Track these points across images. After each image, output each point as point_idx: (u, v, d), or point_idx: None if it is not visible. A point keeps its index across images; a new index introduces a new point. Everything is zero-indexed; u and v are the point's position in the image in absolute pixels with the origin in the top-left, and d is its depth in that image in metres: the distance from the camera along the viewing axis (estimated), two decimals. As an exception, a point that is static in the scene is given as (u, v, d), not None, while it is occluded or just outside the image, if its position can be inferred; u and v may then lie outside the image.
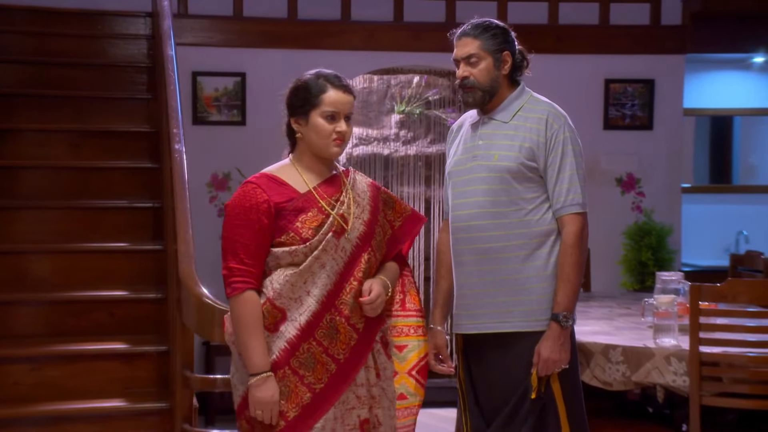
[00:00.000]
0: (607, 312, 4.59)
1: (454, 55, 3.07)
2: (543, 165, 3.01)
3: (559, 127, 3.02)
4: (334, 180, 2.76)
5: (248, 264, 2.61)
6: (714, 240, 6.68)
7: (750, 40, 6.21)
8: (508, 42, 3.07)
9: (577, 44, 6.10)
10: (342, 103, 2.70)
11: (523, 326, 3.00)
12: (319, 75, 2.73)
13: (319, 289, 2.64)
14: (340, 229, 2.68)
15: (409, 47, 6.07)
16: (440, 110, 6.81)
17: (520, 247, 2.99)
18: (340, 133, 2.69)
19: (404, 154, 6.70)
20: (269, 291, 2.63)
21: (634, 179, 6.10)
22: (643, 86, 6.10)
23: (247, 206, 2.63)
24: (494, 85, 3.05)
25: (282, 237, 2.64)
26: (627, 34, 6.13)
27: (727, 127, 6.96)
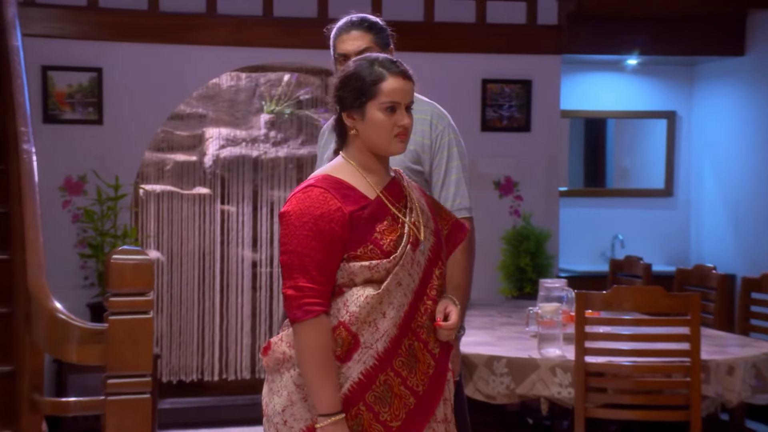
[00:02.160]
0: (488, 321, 4.60)
1: (342, 49, 2.97)
2: (428, 168, 2.95)
3: (443, 128, 2.97)
4: (395, 183, 2.46)
5: (321, 282, 2.29)
6: (590, 245, 6.79)
7: (624, 41, 6.35)
8: (390, 39, 3.02)
9: (453, 43, 6.11)
10: (403, 92, 2.38)
11: None
12: (372, 61, 2.41)
13: (395, 310, 2.33)
14: (415, 240, 2.39)
15: (279, 43, 5.95)
16: (312, 110, 6.74)
17: None
18: (402, 127, 2.38)
19: (274, 156, 6.60)
20: (343, 314, 2.32)
21: (512, 182, 6.14)
22: (520, 87, 6.15)
23: (318, 214, 2.30)
24: None
25: (359, 250, 2.32)
26: (503, 34, 6.17)
27: (601, 129, 7.09)
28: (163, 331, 6.41)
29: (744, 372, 3.78)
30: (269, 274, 6.59)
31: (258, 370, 6.58)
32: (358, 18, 3.00)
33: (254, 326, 6.57)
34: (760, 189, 6.22)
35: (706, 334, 4.14)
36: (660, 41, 6.36)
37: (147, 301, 2.76)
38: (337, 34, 3.00)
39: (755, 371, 3.85)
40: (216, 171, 6.48)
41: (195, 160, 6.49)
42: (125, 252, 2.50)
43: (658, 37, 6.35)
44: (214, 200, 6.47)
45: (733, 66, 6.49)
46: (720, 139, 6.64)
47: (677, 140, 6.91)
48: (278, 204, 6.56)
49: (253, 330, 6.57)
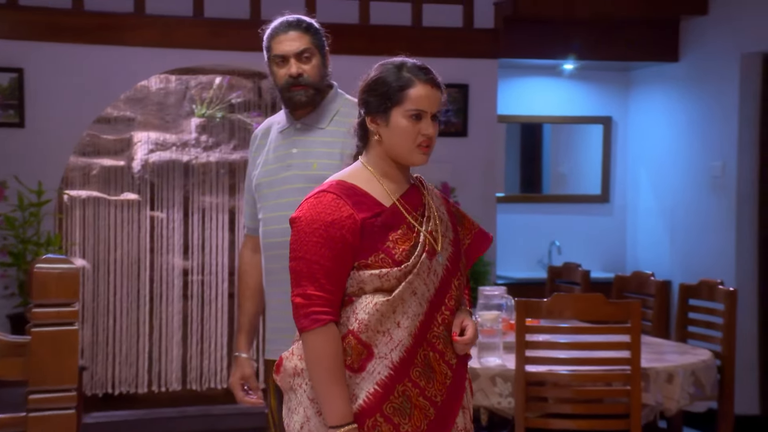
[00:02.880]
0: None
1: (280, 50, 2.93)
2: None
3: None
4: (415, 190, 2.40)
5: (329, 291, 2.26)
6: (527, 251, 6.82)
7: (560, 46, 6.40)
8: (325, 41, 3.00)
9: (390, 46, 5.96)
10: (430, 100, 2.34)
11: None
12: (401, 65, 2.39)
13: (410, 319, 2.29)
14: (432, 249, 2.33)
15: (210, 45, 5.87)
16: (244, 114, 6.66)
17: None
18: (426, 137, 2.32)
19: (206, 160, 6.52)
20: (352, 323, 2.28)
21: (448, 188, 6.13)
22: (457, 91, 6.15)
23: (329, 221, 2.27)
24: (323, 84, 2.96)
25: (369, 258, 2.29)
26: (440, 37, 6.17)
27: (538, 134, 7.13)
28: (89, 342, 6.26)
29: (683, 380, 3.81)
30: (201, 282, 6.49)
31: (189, 381, 6.47)
32: (295, 19, 2.96)
33: (185, 336, 6.47)
34: (695, 195, 6.31)
35: (645, 341, 4.16)
36: (596, 46, 6.42)
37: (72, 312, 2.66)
38: (273, 34, 2.95)
39: (694, 379, 3.89)
40: (145, 176, 6.37)
41: (123, 164, 6.38)
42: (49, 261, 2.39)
43: (594, 42, 6.41)
44: (143, 206, 6.36)
45: (668, 72, 6.58)
46: (655, 145, 6.72)
47: (613, 146, 6.98)
48: (210, 210, 6.47)
49: (185, 340, 6.47)
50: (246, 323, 3.08)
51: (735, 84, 5.98)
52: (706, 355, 4.08)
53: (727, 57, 6.05)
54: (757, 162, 5.97)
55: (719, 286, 4.39)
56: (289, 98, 2.94)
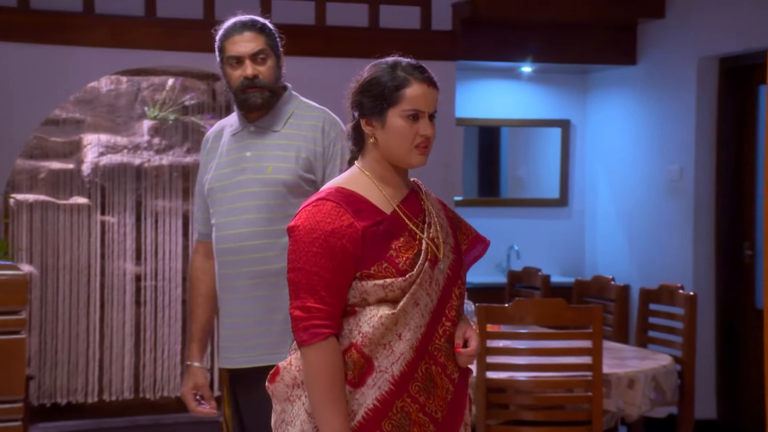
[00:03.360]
0: None
1: (234, 51, 2.89)
2: (321, 177, 2.90)
3: (336, 135, 2.93)
4: (414, 196, 2.34)
5: (330, 303, 2.20)
6: (486, 256, 6.67)
7: (518, 48, 6.41)
8: (279, 41, 2.98)
9: (347, 47, 6.05)
10: (427, 100, 2.28)
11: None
12: (395, 65, 2.33)
13: (412, 331, 2.22)
14: (434, 257, 2.27)
15: (162, 45, 5.80)
16: (198, 116, 6.61)
17: None
18: (424, 137, 2.26)
19: (158, 164, 6.45)
20: (355, 336, 2.21)
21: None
22: None
23: (328, 230, 2.20)
24: (278, 86, 2.94)
25: (372, 268, 2.22)
26: (397, 39, 6.11)
27: (495, 137, 7.13)
28: (36, 350, 6.15)
29: (644, 385, 3.82)
30: (154, 288, 6.41)
31: (142, 389, 6.38)
32: (249, 19, 2.94)
33: (138, 343, 6.38)
34: (653, 198, 6.35)
35: (606, 346, 4.16)
36: (554, 49, 6.45)
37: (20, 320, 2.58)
38: (226, 35, 2.92)
39: (655, 384, 3.90)
40: (95, 180, 6.29)
41: (72, 168, 6.30)
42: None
43: (552, 45, 6.43)
44: (93, 211, 6.28)
45: (626, 75, 6.62)
46: (613, 148, 6.75)
47: (571, 149, 7.01)
48: (163, 214, 6.41)
49: (137, 347, 6.38)
50: (198, 331, 3.04)
51: (692, 88, 6.03)
52: (667, 360, 4.10)
53: (684, 61, 6.10)
54: (713, 166, 6.02)
55: (679, 291, 4.41)
56: (244, 100, 2.91)
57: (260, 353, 2.87)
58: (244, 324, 2.89)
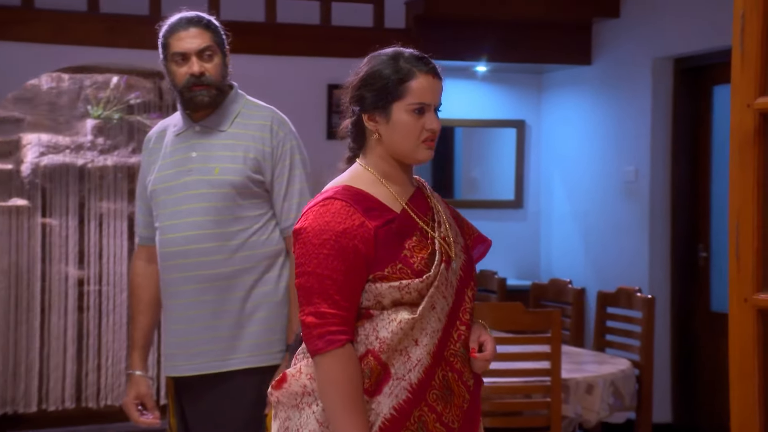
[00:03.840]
0: None
1: (180, 48, 2.84)
2: (270, 178, 2.86)
3: (284, 135, 2.90)
4: (420, 194, 2.26)
5: (344, 307, 2.09)
6: None
7: (472, 47, 6.39)
8: (225, 38, 2.94)
9: (297, 45, 6.02)
10: (433, 92, 2.20)
11: (252, 361, 2.83)
12: (397, 56, 2.23)
13: (429, 336, 2.13)
14: (448, 257, 2.19)
15: (106, 42, 5.70)
16: (143, 115, 6.51)
17: (247, 272, 2.83)
18: (431, 131, 2.19)
19: (102, 164, 6.36)
20: (372, 340, 2.11)
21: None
22: None
23: (339, 230, 2.10)
24: (224, 84, 2.90)
25: (386, 270, 2.12)
26: (349, 37, 6.08)
27: (449, 138, 7.11)
28: (-26, 359, 5.99)
29: (603, 390, 3.79)
30: (98, 293, 6.30)
31: (85, 398, 6.25)
32: (194, 15, 2.89)
33: (81, 350, 6.26)
34: (608, 200, 6.35)
35: (563, 351, 4.15)
36: (509, 48, 6.43)
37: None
38: (171, 31, 2.87)
39: (613, 389, 3.88)
40: (35, 181, 6.18)
41: (11, 168, 6.19)
42: None
43: (507, 44, 6.41)
44: (33, 213, 6.16)
45: (581, 75, 6.62)
46: (568, 149, 6.75)
47: (526, 150, 7.00)
48: (108, 216, 6.30)
49: (80, 354, 6.25)
50: (140, 339, 3.00)
51: (647, 88, 6.04)
52: (625, 364, 4.08)
53: (639, 61, 6.11)
54: (669, 167, 6.04)
55: (637, 294, 4.40)
56: (190, 99, 2.86)
57: (207, 360, 2.83)
58: (190, 330, 2.84)
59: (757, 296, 1.95)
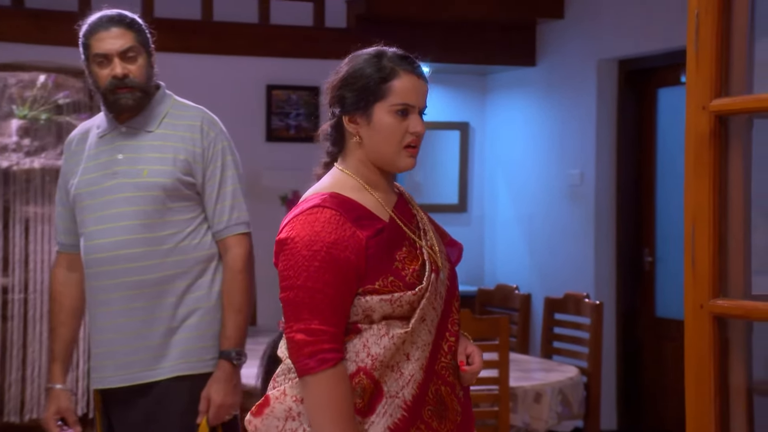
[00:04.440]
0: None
1: (101, 49, 2.77)
2: (201, 180, 2.82)
3: (215, 135, 2.85)
4: (402, 201, 2.20)
5: (335, 324, 2.01)
6: None
7: (415, 47, 6.29)
8: (150, 37, 2.88)
9: (235, 45, 5.99)
10: (418, 93, 2.15)
11: (182, 368, 2.78)
12: (380, 54, 2.17)
13: (420, 350, 2.08)
14: (436, 267, 2.13)
15: (32, 38, 5.60)
16: (73, 116, 6.35)
17: (178, 277, 2.79)
18: (415, 135, 2.12)
19: (29, 167, 6.17)
20: (363, 357, 2.04)
21: (300, 198, 5.99)
22: (308, 94, 6.11)
23: (330, 241, 2.02)
24: (150, 85, 2.84)
25: (377, 283, 2.05)
26: (289, 36, 6.10)
27: (391, 141, 7.08)
28: None
29: (551, 398, 3.80)
30: (23, 301, 6.12)
31: (7, 412, 6.07)
32: (116, 14, 2.83)
33: (3, 361, 6.08)
34: (553, 204, 6.39)
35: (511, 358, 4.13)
36: (452, 49, 6.44)
37: None
38: (91, 31, 2.81)
39: (561, 397, 3.88)
40: (-43, 184, 5.98)
41: (-69, 171, 5.97)
42: None
43: (450, 45, 6.43)
44: (-46, 218, 5.96)
45: (525, 76, 6.65)
46: (513, 152, 6.78)
47: (470, 153, 7.02)
48: (34, 221, 6.13)
49: (2, 365, 6.06)
50: (61, 350, 2.95)
51: (592, 90, 6.10)
52: (573, 372, 4.09)
53: (583, 63, 6.16)
54: (614, 170, 6.09)
55: (585, 300, 4.42)
56: (114, 102, 2.80)
57: (136, 370, 2.78)
58: (118, 339, 2.79)
59: (714, 302, 1.94)
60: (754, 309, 1.92)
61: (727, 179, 1.96)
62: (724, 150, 1.96)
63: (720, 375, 1.96)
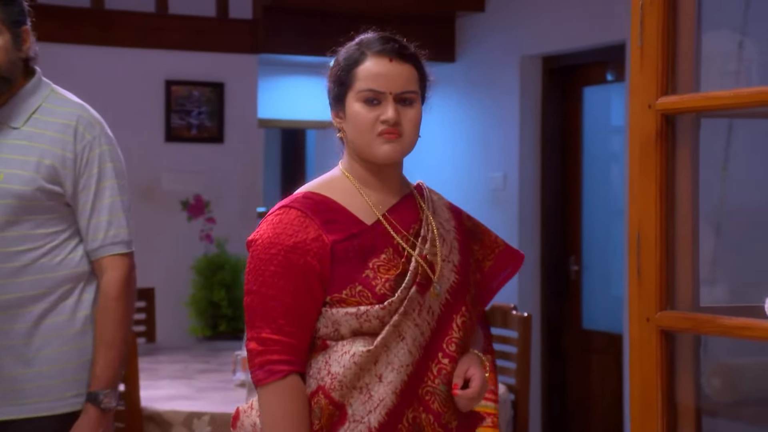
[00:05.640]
0: (182, 368, 4.49)
1: None
2: (71, 189, 2.59)
3: (93, 139, 2.61)
4: (408, 202, 2.14)
5: (290, 333, 1.98)
6: None
7: (327, 41, 6.23)
8: (25, 14, 2.62)
9: (130, 35, 5.95)
10: (387, 77, 2.06)
11: (39, 409, 2.58)
12: (360, 41, 2.13)
13: (395, 372, 2.00)
14: (426, 279, 2.06)
15: None
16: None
17: (35, 300, 2.57)
18: (386, 123, 2.04)
19: None
20: (324, 377, 2.00)
21: (203, 202, 6.02)
22: (211, 90, 6.06)
23: (290, 245, 2.00)
24: (14, 71, 2.58)
25: (344, 292, 2.01)
26: (189, 27, 6.04)
27: (301, 141, 7.09)
28: None
29: (478, 417, 3.77)
30: None
31: None
32: None
33: None
34: (475, 208, 6.31)
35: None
36: (366, 43, 6.41)
37: None
38: None
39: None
40: None
41: None
42: None
43: (364, 39, 6.39)
44: None
45: (444, 73, 6.65)
46: (430, 155, 6.77)
47: (386, 154, 7.00)
48: None
49: None
50: None
51: (515, 88, 6.12)
52: (501, 389, 4.07)
53: (505, 59, 6.18)
54: (538, 173, 6.13)
55: (513, 312, 4.41)
56: None
57: None
58: None
59: (661, 315, 1.94)
60: (704, 322, 1.91)
61: (674, 183, 1.96)
62: (671, 152, 1.96)
63: (668, 393, 1.95)
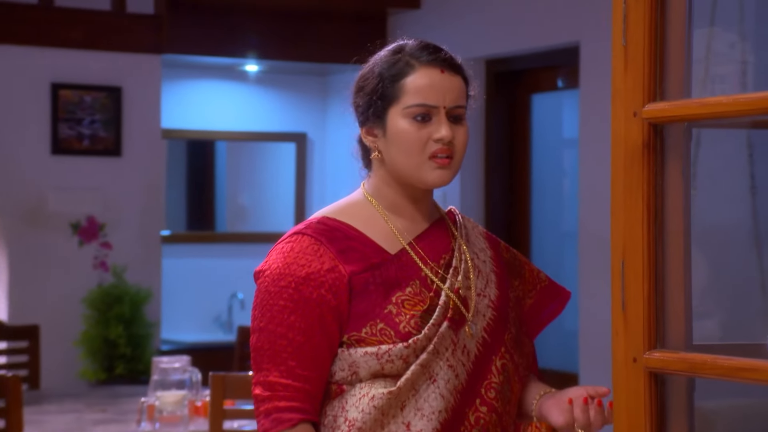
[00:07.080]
0: (75, 420, 4.45)
1: None
2: None
3: None
4: (438, 229, 2.15)
5: (301, 377, 1.99)
6: (201, 307, 6.76)
7: (240, 40, 6.38)
8: None
9: (10, 31, 5.87)
10: (442, 90, 2.05)
11: None
12: (399, 49, 2.10)
13: (425, 420, 2.00)
14: (459, 316, 2.07)
15: None
16: None
17: None
18: (440, 142, 2.04)
19: None
20: (341, 425, 2.00)
21: (96, 225, 5.98)
22: (106, 96, 6.05)
23: (302, 276, 2.00)
24: None
25: (363, 331, 2.01)
26: (81, 23, 6.01)
27: (209, 155, 7.12)
28: None
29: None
30: None
31: None
32: None
33: None
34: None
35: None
36: (285, 43, 6.48)
37: None
38: None
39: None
40: None
41: None
42: None
43: (283, 38, 6.46)
44: None
45: (375, 78, 6.66)
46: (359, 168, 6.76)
47: (309, 169, 7.07)
48: None
49: None
50: None
51: (455, 94, 6.13)
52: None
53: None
54: (482, 187, 6.16)
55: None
56: None
57: None
58: None
59: (650, 355, 1.91)
60: (700, 363, 1.89)
61: (663, 202, 1.94)
62: (659, 166, 1.93)
63: (657, 441, 1.94)
